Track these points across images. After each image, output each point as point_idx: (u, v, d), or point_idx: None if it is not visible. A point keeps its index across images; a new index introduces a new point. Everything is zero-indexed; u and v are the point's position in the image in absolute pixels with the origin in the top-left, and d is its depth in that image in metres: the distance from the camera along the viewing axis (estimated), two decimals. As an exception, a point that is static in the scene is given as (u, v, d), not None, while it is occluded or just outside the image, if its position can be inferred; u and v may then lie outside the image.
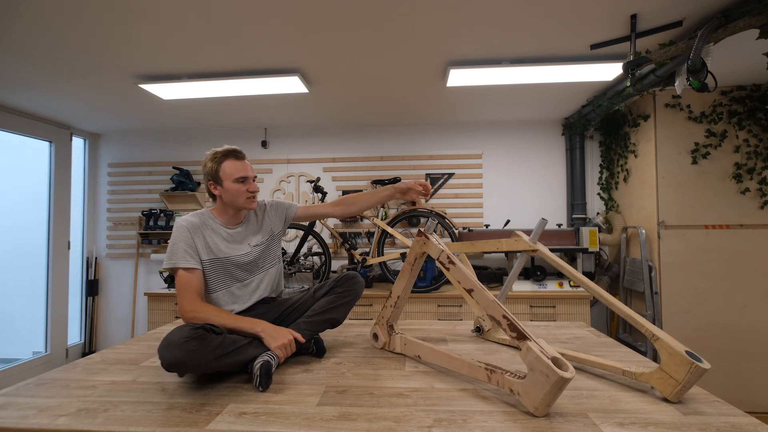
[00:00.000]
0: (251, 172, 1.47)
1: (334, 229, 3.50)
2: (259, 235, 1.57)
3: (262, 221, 1.60)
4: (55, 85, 2.57)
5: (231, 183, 1.43)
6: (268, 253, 1.58)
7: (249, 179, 1.46)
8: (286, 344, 1.31)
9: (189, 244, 1.39)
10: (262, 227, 1.59)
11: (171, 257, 1.37)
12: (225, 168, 1.44)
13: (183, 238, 1.39)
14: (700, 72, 1.76)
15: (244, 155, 1.50)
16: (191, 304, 1.32)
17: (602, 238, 3.17)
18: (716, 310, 2.68)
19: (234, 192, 1.44)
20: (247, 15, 1.79)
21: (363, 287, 1.59)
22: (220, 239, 1.46)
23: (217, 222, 1.49)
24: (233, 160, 1.45)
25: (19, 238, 3.30)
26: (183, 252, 1.37)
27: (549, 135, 3.52)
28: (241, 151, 1.49)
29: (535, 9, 1.77)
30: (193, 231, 1.41)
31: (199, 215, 1.47)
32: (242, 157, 1.48)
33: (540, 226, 1.49)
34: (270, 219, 1.63)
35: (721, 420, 0.96)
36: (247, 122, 3.51)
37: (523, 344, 1.01)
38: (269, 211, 1.64)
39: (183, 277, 1.35)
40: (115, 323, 3.77)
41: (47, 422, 0.98)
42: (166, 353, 1.09)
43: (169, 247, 1.38)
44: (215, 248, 1.44)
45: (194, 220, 1.44)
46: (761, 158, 2.64)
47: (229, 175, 1.43)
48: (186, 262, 1.36)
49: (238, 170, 1.44)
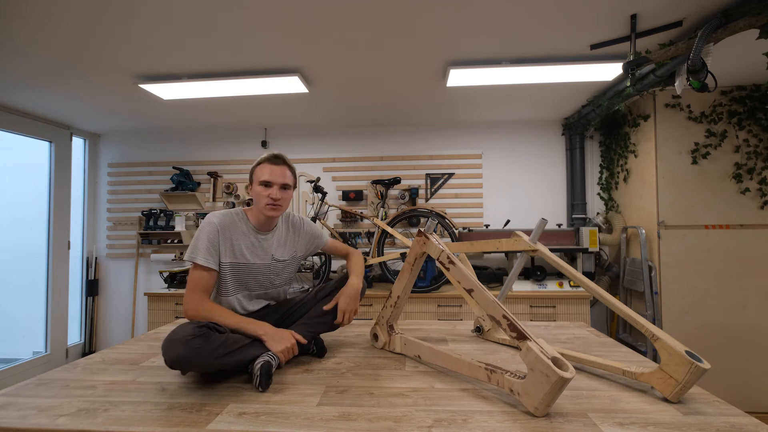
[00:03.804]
0: (277, 179, 1.42)
1: (334, 229, 3.50)
2: (283, 249, 1.54)
3: (291, 236, 1.58)
4: (55, 85, 2.57)
5: (257, 185, 1.43)
6: (285, 272, 1.56)
7: (273, 185, 1.42)
8: (289, 348, 1.31)
9: (213, 243, 1.37)
10: (288, 242, 1.56)
11: (192, 251, 1.36)
12: (258, 170, 1.44)
13: (208, 236, 1.37)
14: (700, 72, 1.76)
15: (283, 161, 1.46)
16: (197, 301, 1.32)
17: (602, 238, 3.17)
18: (716, 310, 2.68)
19: (257, 194, 1.43)
20: (247, 15, 1.79)
21: (365, 289, 1.59)
22: (246, 244, 1.44)
23: (249, 225, 1.47)
24: (268, 164, 1.44)
25: (19, 238, 3.30)
26: (204, 249, 1.36)
27: (549, 135, 3.52)
28: (282, 156, 1.46)
29: (535, 9, 1.77)
30: (222, 230, 1.40)
31: (231, 215, 1.45)
32: (278, 163, 1.45)
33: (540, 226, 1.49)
34: (299, 239, 1.60)
35: (721, 420, 0.96)
36: (247, 122, 3.51)
37: (523, 344, 1.01)
38: (303, 230, 1.61)
39: (197, 273, 1.35)
40: (115, 323, 3.77)
41: (47, 422, 0.98)
42: (169, 350, 1.10)
43: (193, 240, 1.37)
44: (239, 253, 1.42)
45: (226, 219, 1.42)
46: (761, 158, 2.64)
47: (257, 177, 1.43)
48: (205, 260, 1.35)
49: (264, 174, 1.42)
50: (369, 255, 3.22)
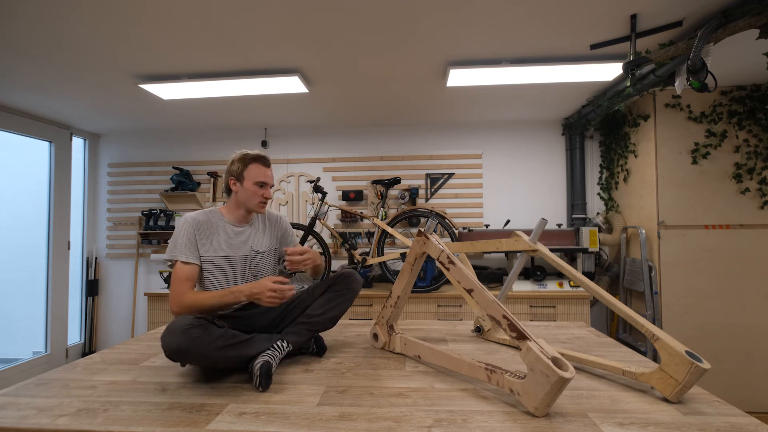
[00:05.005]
0: (271, 181, 1.56)
1: (334, 229, 3.50)
2: (263, 240, 1.59)
3: (268, 228, 1.64)
4: (55, 85, 2.57)
5: (251, 185, 1.51)
6: (265, 264, 1.59)
7: (267, 186, 1.55)
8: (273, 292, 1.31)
9: (190, 239, 1.43)
10: (266, 234, 1.62)
11: (171, 250, 1.42)
12: (251, 170, 1.52)
13: (185, 233, 1.43)
14: (700, 72, 1.76)
15: (270, 163, 1.59)
16: (180, 292, 1.35)
17: (602, 238, 3.17)
18: (716, 310, 2.68)
19: (251, 193, 1.51)
20: (247, 15, 1.79)
21: (360, 284, 1.59)
22: (223, 237, 1.50)
23: (224, 220, 1.53)
24: (260, 165, 1.54)
25: (19, 238, 3.30)
26: (184, 246, 1.42)
27: (549, 135, 3.52)
28: (268, 158, 1.59)
29: (535, 9, 1.77)
30: (197, 227, 1.46)
31: (206, 213, 1.52)
32: (268, 165, 1.57)
33: (540, 226, 1.49)
34: (277, 231, 1.67)
35: (721, 420, 0.96)
36: (247, 122, 3.51)
37: (523, 344, 1.01)
38: (279, 224, 1.68)
39: (178, 269, 1.40)
40: (115, 323, 3.77)
41: (47, 422, 0.98)
42: (169, 340, 1.12)
43: (171, 240, 1.44)
44: (217, 246, 1.47)
45: (200, 217, 1.49)
46: (761, 158, 2.64)
47: (252, 177, 1.51)
48: (185, 257, 1.40)
49: (260, 175, 1.52)
50: (369, 255, 3.22)
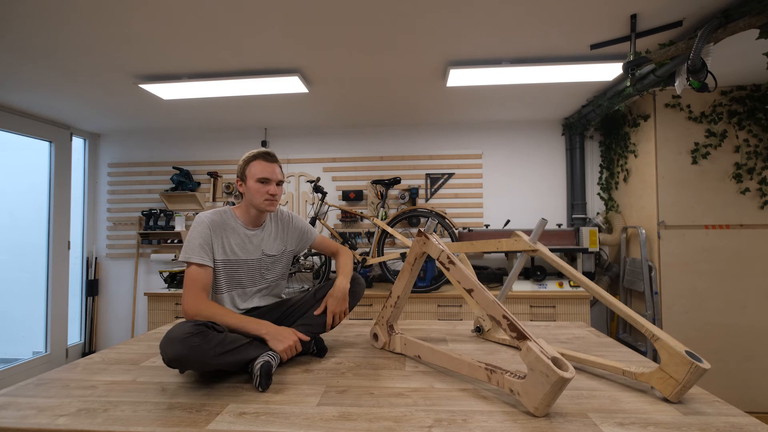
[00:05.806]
0: (275, 176, 1.49)
1: (334, 229, 3.50)
2: (274, 243, 1.57)
3: (280, 231, 1.60)
4: (55, 85, 2.57)
5: (254, 182, 1.46)
6: (275, 267, 1.58)
7: (271, 182, 1.47)
8: (292, 346, 1.32)
9: (206, 241, 1.39)
10: (278, 237, 1.59)
11: (186, 251, 1.37)
12: (252, 167, 1.47)
13: (201, 234, 1.39)
14: (700, 72, 1.76)
15: (275, 159, 1.52)
16: (196, 300, 1.32)
17: (602, 238, 3.17)
18: (716, 310, 2.68)
19: (254, 191, 1.46)
20: (247, 15, 1.79)
21: (364, 288, 1.59)
22: (237, 241, 1.47)
23: (238, 222, 1.50)
24: (261, 161, 1.48)
25: (19, 238, 3.30)
26: (198, 248, 1.37)
27: (549, 135, 3.52)
28: (274, 154, 1.52)
29: (535, 9, 1.77)
30: (213, 229, 1.42)
31: (220, 213, 1.48)
32: (272, 160, 1.50)
33: (540, 226, 1.49)
34: (290, 234, 1.63)
35: (721, 420, 0.96)
36: (247, 122, 3.51)
37: (523, 344, 1.01)
38: (292, 225, 1.64)
39: (193, 272, 1.35)
40: (115, 323, 3.77)
41: (47, 422, 0.98)
42: (167, 348, 1.10)
43: (186, 241, 1.39)
44: (230, 250, 1.45)
45: (216, 218, 1.45)
46: (761, 158, 2.64)
47: (253, 174, 1.46)
48: (200, 258, 1.36)
49: (262, 171, 1.46)
50: (369, 255, 3.22)
